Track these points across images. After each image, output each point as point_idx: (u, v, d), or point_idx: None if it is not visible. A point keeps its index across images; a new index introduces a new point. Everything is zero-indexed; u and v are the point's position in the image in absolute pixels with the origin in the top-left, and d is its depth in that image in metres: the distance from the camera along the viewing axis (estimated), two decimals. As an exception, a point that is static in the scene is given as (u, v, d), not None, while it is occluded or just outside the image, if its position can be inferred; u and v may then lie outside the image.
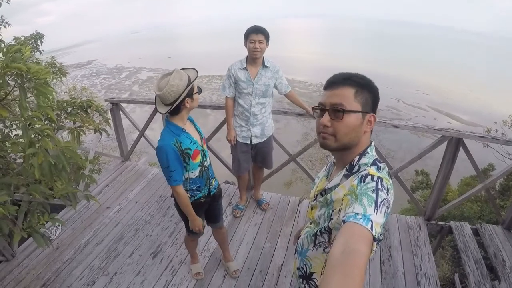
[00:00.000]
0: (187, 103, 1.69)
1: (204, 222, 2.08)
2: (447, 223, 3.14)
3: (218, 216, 2.22)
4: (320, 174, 1.20)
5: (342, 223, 0.77)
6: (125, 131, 4.30)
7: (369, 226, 0.72)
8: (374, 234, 0.72)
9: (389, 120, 2.89)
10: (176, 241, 2.87)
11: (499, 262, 2.66)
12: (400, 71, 39.25)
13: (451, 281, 4.00)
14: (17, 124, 1.56)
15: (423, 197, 7.62)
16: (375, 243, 0.73)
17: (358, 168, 0.96)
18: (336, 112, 0.92)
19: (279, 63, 2.69)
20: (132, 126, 4.12)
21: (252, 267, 2.58)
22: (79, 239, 2.93)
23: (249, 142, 2.81)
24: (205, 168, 1.91)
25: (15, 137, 1.71)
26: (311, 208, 1.14)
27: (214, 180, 2.05)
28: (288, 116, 3.22)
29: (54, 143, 1.38)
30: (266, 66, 2.60)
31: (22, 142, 1.38)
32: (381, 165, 0.95)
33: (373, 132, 1.02)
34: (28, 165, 1.31)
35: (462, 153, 2.74)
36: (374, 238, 0.72)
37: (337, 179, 1.00)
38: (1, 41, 4.51)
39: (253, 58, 2.53)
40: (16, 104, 1.73)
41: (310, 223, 1.20)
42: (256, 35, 2.45)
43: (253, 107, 2.67)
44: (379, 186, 0.83)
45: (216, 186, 2.08)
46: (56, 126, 1.89)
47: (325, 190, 1.04)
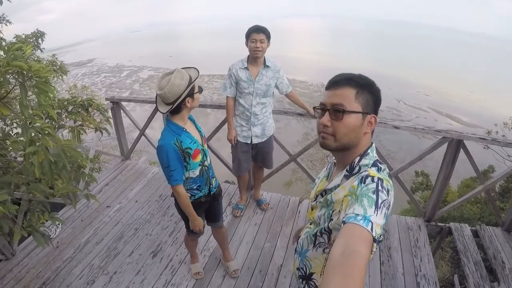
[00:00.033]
0: (188, 102, 1.68)
1: (204, 222, 2.08)
2: (446, 225, 3.14)
3: (218, 216, 2.22)
4: (321, 174, 1.20)
5: (342, 224, 0.77)
6: (125, 130, 4.30)
7: (369, 227, 0.72)
8: (374, 235, 0.72)
9: (390, 121, 2.89)
10: (176, 241, 2.87)
11: (498, 264, 2.67)
12: (400, 71, 39.26)
13: (451, 282, 4.00)
14: (18, 122, 1.56)
15: (423, 198, 7.63)
16: (375, 244, 0.72)
17: (359, 169, 0.95)
18: (336, 112, 0.92)
19: (279, 62, 2.68)
20: (133, 124, 4.13)
21: (251, 267, 2.58)
22: (79, 238, 2.93)
23: (249, 142, 2.81)
24: (206, 168, 1.91)
25: (16, 135, 1.70)
26: (311, 209, 1.14)
27: (214, 179, 2.05)
28: (288, 116, 3.21)
29: (55, 142, 1.38)
30: (267, 66, 2.59)
31: (22, 140, 1.38)
32: (382, 166, 0.95)
33: (373, 133, 1.02)
34: (29, 164, 1.31)
35: (462, 155, 2.74)
36: (374, 239, 0.72)
37: (338, 180, 1.00)
38: (2, 39, 4.51)
39: (254, 58, 2.53)
40: (17, 103, 1.73)
41: (310, 224, 1.20)
42: (258, 35, 2.45)
43: (254, 106, 2.66)
44: (380, 187, 0.83)
45: (216, 186, 2.08)
46: (57, 124, 1.89)
47: (326, 191, 1.04)
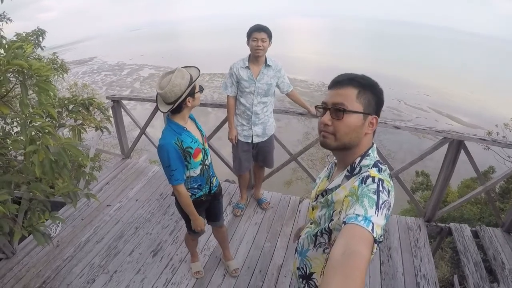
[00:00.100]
0: (189, 102, 1.68)
1: (205, 221, 2.08)
2: (446, 225, 3.14)
3: (218, 215, 2.22)
4: (322, 174, 1.20)
5: (342, 224, 0.76)
6: (126, 129, 4.29)
7: (370, 228, 0.72)
8: (374, 235, 0.72)
9: (391, 121, 2.88)
10: (176, 240, 2.87)
11: (498, 264, 2.67)
12: (400, 71, 39.22)
13: (450, 282, 4.00)
14: (18, 121, 1.56)
15: (423, 198, 7.63)
16: (375, 245, 0.72)
17: (359, 170, 0.95)
18: (337, 111, 0.92)
19: (280, 62, 2.68)
20: (133, 123, 4.12)
21: (252, 266, 2.58)
22: (79, 237, 2.94)
23: (250, 141, 2.81)
24: (206, 167, 1.91)
25: (16, 134, 1.70)
26: (312, 209, 1.14)
27: (215, 178, 2.05)
28: (289, 115, 3.21)
29: (55, 140, 1.38)
30: (269, 65, 2.59)
31: (23, 139, 1.38)
32: (383, 167, 0.95)
33: (375, 133, 1.02)
34: (29, 163, 1.31)
35: (462, 155, 2.74)
36: (375, 240, 0.72)
37: (338, 180, 0.99)
38: (3, 37, 4.50)
39: (256, 57, 2.53)
40: (17, 101, 1.73)
41: (311, 223, 1.20)
42: (259, 34, 2.44)
43: (255, 106, 2.66)
44: (380, 188, 0.82)
45: (217, 185, 2.08)
46: (57, 123, 1.89)
47: (326, 191, 1.04)
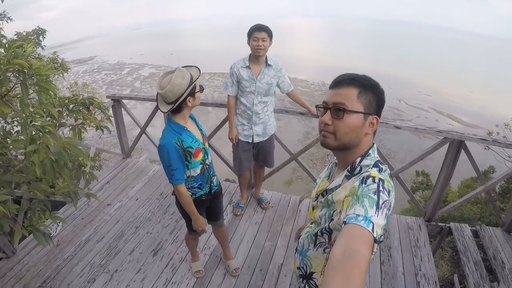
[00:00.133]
0: (189, 101, 1.68)
1: (205, 220, 2.08)
2: (447, 224, 3.14)
3: (218, 214, 2.22)
4: (322, 174, 1.20)
5: (343, 224, 0.76)
6: (126, 128, 4.29)
7: (370, 228, 0.72)
8: (375, 235, 0.72)
9: (391, 121, 2.88)
10: (177, 239, 2.88)
11: (498, 264, 2.67)
12: (401, 71, 39.18)
13: (450, 281, 4.00)
14: (19, 120, 1.56)
15: (423, 198, 7.63)
16: (375, 245, 0.72)
17: (360, 170, 0.95)
18: (337, 111, 0.92)
19: (280, 61, 2.68)
20: (133, 122, 4.12)
21: (252, 266, 2.59)
22: (79, 236, 2.94)
23: (251, 140, 2.81)
24: (207, 166, 1.91)
25: (17, 133, 1.70)
26: (312, 208, 1.14)
27: (215, 178, 2.05)
28: (289, 114, 3.20)
29: (56, 140, 1.38)
30: (269, 65, 2.59)
31: (23, 139, 1.37)
32: (383, 167, 0.95)
33: (375, 133, 1.02)
34: (29, 162, 1.31)
35: (463, 155, 2.74)
36: (375, 240, 0.72)
37: (339, 180, 0.99)
38: (3, 37, 4.50)
39: (256, 56, 2.52)
40: (17, 101, 1.73)
41: (311, 223, 1.20)
42: (260, 33, 2.44)
43: (256, 105, 2.66)
44: (381, 188, 0.82)
45: (217, 184, 2.08)
46: (58, 123, 1.89)
47: (326, 191, 1.04)
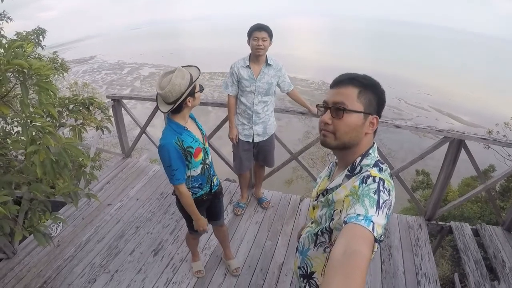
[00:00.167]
0: (189, 102, 1.68)
1: (206, 220, 2.08)
2: (447, 223, 3.14)
3: (219, 214, 2.22)
4: (322, 174, 1.20)
5: (343, 224, 0.76)
6: (126, 128, 4.29)
7: (370, 227, 0.72)
8: (375, 235, 0.72)
9: (391, 120, 2.88)
10: (177, 239, 2.88)
11: (498, 262, 2.67)
12: (401, 71, 39.16)
13: (451, 280, 4.01)
14: (19, 121, 1.56)
15: (423, 197, 7.64)
16: (376, 244, 0.73)
17: (360, 169, 0.95)
18: (337, 110, 0.92)
19: (280, 61, 2.68)
20: (134, 122, 4.12)
21: (253, 265, 2.59)
22: (80, 236, 2.94)
23: (251, 140, 2.81)
24: (207, 166, 1.91)
25: (17, 134, 1.70)
26: (312, 208, 1.14)
27: (216, 177, 2.05)
28: (289, 114, 3.20)
29: (56, 140, 1.38)
30: (269, 64, 2.59)
31: (23, 139, 1.37)
32: (383, 166, 0.95)
33: (376, 133, 1.02)
34: (30, 163, 1.31)
35: (463, 154, 2.74)
36: (376, 239, 0.72)
37: (339, 180, 0.99)
38: (3, 36, 4.50)
39: (256, 56, 2.52)
40: (17, 101, 1.73)
41: (312, 223, 1.20)
42: (260, 33, 2.44)
43: (256, 105, 2.66)
44: (381, 187, 0.83)
45: (218, 184, 2.08)
46: (58, 123, 1.89)
47: (327, 190, 1.04)
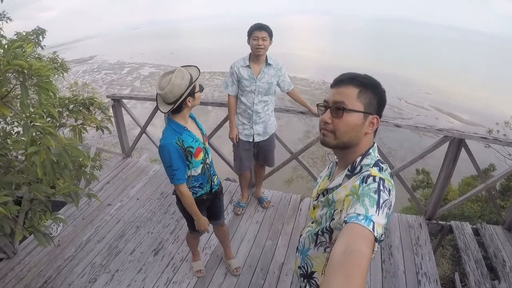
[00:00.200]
0: (189, 102, 1.68)
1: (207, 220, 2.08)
2: (447, 223, 3.14)
3: (219, 214, 2.22)
4: (323, 173, 1.20)
5: (343, 224, 0.77)
6: (126, 128, 4.29)
7: (370, 227, 0.72)
8: (375, 234, 0.72)
9: (391, 119, 2.88)
10: (178, 239, 2.88)
11: (499, 262, 2.67)
12: (401, 70, 39.11)
13: (451, 280, 4.01)
14: (19, 121, 1.56)
15: (423, 196, 7.63)
16: (376, 244, 0.73)
17: (360, 169, 0.95)
18: (337, 109, 0.93)
19: (280, 60, 2.67)
20: (134, 122, 4.12)
21: (253, 265, 2.59)
22: (80, 236, 2.94)
23: (251, 140, 2.81)
24: (207, 166, 1.91)
25: (17, 134, 1.70)
26: (313, 208, 1.14)
27: (216, 177, 2.05)
28: (290, 114, 3.20)
29: (56, 141, 1.38)
30: (269, 64, 2.58)
31: (23, 140, 1.37)
32: (383, 166, 0.95)
33: (376, 133, 1.02)
34: (30, 163, 1.31)
35: (463, 153, 2.74)
36: (376, 239, 0.72)
37: (339, 179, 1.00)
38: (3, 37, 4.50)
39: (256, 55, 2.52)
40: (17, 102, 1.73)
41: (312, 222, 1.20)
42: (260, 32, 2.44)
43: (256, 105, 2.66)
44: (381, 187, 0.83)
45: (218, 183, 2.08)
46: (58, 123, 1.89)
47: (327, 190, 1.04)
